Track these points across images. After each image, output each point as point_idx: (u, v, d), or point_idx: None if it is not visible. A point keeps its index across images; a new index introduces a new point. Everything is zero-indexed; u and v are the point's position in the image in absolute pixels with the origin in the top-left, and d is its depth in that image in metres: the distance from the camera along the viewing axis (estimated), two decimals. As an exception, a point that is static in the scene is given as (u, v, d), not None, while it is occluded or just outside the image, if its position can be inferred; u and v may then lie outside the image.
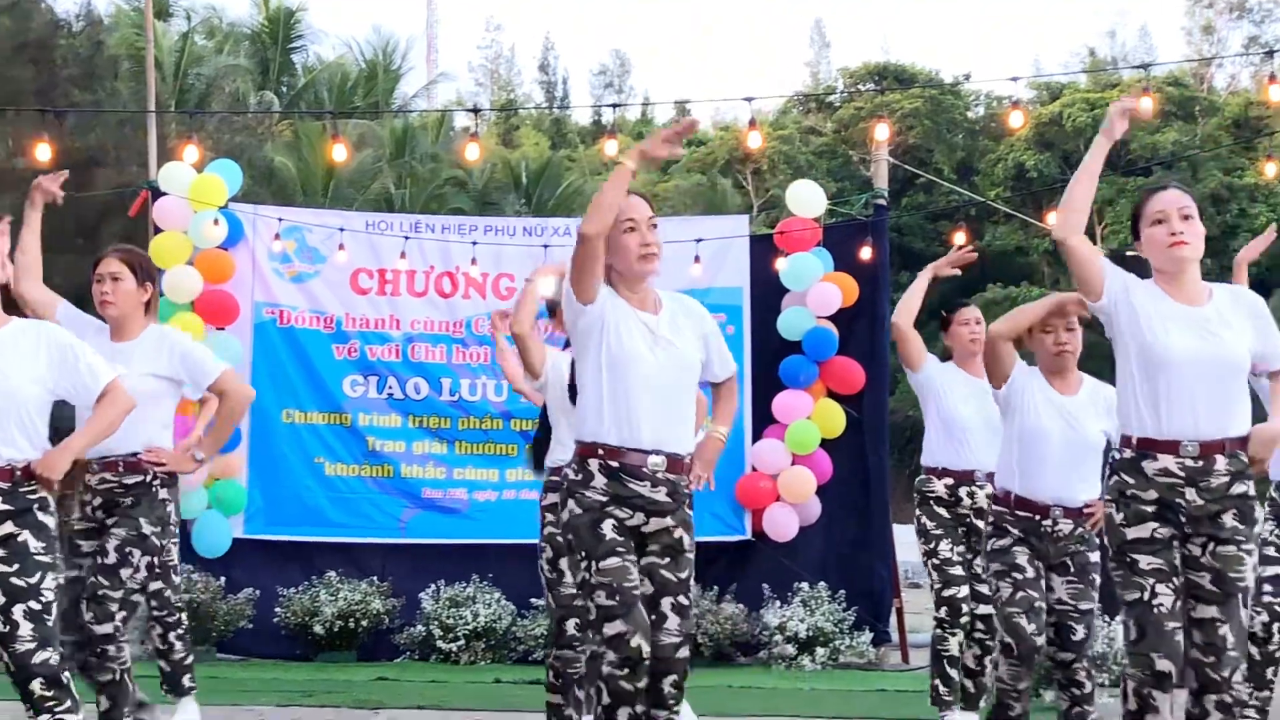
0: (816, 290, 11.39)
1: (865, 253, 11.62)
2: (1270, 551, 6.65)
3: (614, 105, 33.19)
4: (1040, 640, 6.06)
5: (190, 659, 7.63)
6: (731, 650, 11.12)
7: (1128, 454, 4.96)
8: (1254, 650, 6.64)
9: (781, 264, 11.54)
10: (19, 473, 4.89)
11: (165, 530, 7.43)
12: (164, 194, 11.30)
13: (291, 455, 11.47)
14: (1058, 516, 6.09)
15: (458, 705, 8.47)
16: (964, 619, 7.16)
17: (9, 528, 4.86)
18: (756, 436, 11.49)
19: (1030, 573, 6.06)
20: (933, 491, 7.27)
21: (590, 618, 4.90)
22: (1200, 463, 4.85)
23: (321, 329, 11.60)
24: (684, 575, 4.97)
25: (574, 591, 5.25)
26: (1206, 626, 4.86)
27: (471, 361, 11.66)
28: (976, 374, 6.90)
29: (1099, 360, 5.46)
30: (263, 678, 9.91)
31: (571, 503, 4.97)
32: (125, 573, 5.94)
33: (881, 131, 13.08)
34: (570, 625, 6.51)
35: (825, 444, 11.31)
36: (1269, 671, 6.81)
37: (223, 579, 11.03)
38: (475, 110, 13.50)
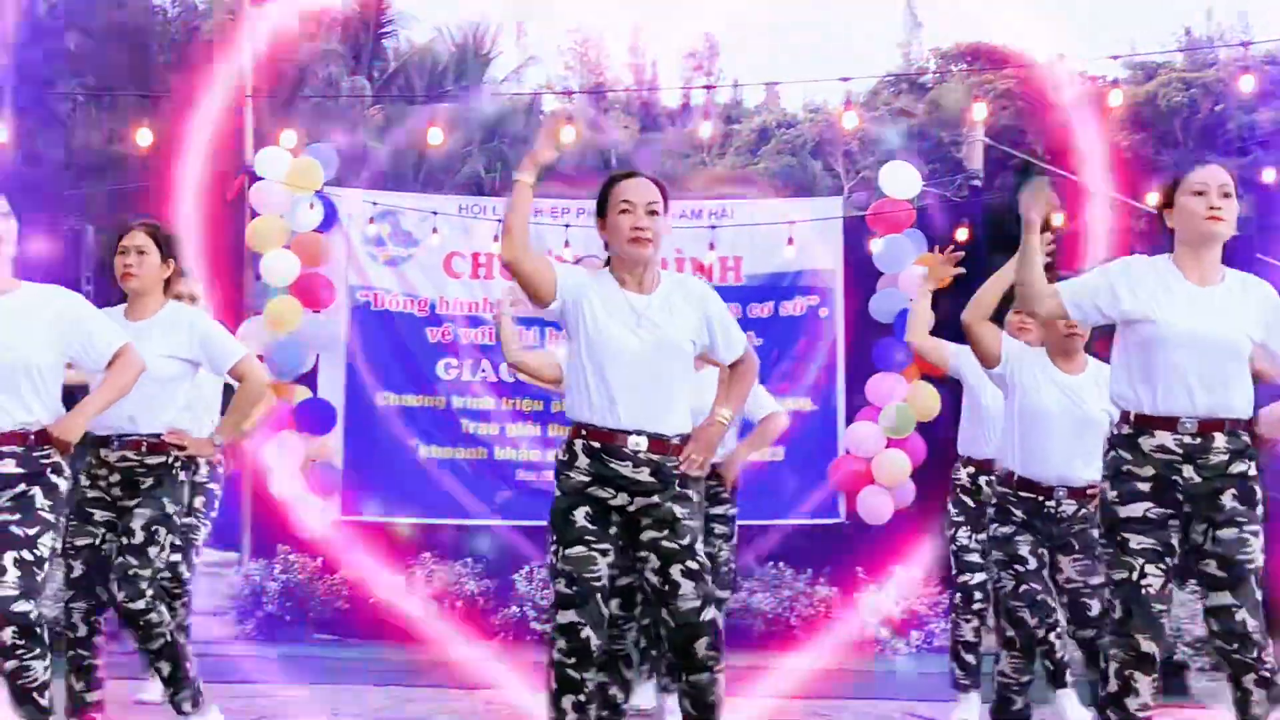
0: (910, 272, 11.32)
1: (960, 234, 11.53)
2: None
3: (705, 87, 33.08)
4: (1042, 633, 6.02)
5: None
6: (825, 634, 11.09)
7: (1125, 430, 4.92)
8: None
9: (875, 245, 11.48)
10: (33, 436, 4.99)
11: (193, 512, 7.52)
12: (260, 178, 11.41)
13: (386, 438, 11.55)
14: (1061, 497, 6.04)
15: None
16: (978, 605, 7.22)
17: (21, 488, 4.96)
18: (850, 419, 11.44)
19: (1033, 564, 6.02)
20: (958, 480, 7.32)
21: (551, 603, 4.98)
22: (1198, 440, 4.80)
23: (416, 312, 11.67)
24: (686, 541, 4.96)
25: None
26: (1222, 614, 4.82)
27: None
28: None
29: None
30: (359, 658, 10.00)
31: (556, 485, 5.04)
32: (153, 551, 5.96)
33: (979, 111, 12.98)
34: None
35: (920, 426, 11.24)
36: None
37: (319, 560, 11.13)
38: (569, 94, 13.48)
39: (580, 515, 4.97)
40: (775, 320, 11.49)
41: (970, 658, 7.37)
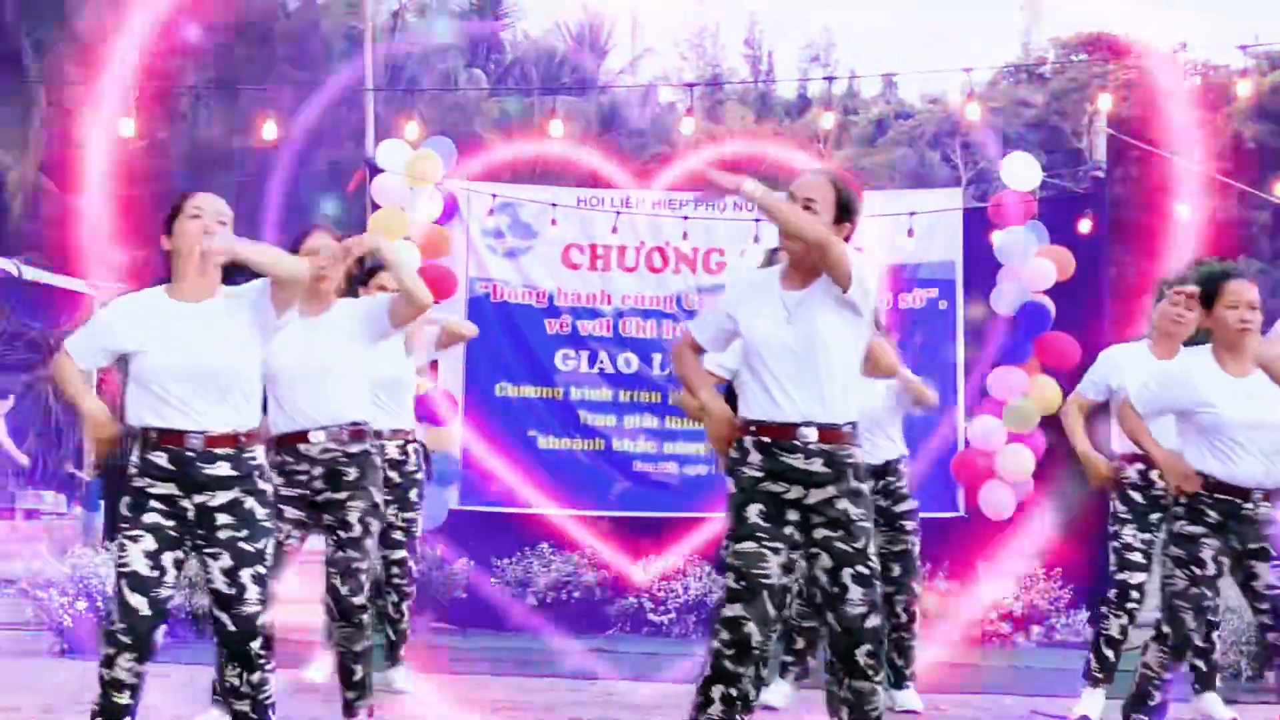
0: (1031, 264, 11.20)
1: (1084, 225, 11.39)
2: None
3: (823, 78, 32.94)
4: (1198, 639, 5.94)
5: (407, 628, 7.82)
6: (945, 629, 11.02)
7: None
8: None
9: (996, 237, 11.36)
10: (242, 438, 5.01)
11: (412, 505, 7.64)
12: (381, 170, 11.50)
13: (505, 428, 11.61)
14: (1258, 499, 5.94)
15: (670, 677, 8.51)
16: (1131, 605, 7.15)
17: (236, 493, 4.98)
18: (970, 413, 11.34)
19: (1211, 569, 5.93)
20: (1126, 477, 7.19)
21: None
22: None
23: (534, 304, 11.71)
24: (860, 545, 4.97)
25: None
26: None
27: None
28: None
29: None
30: (477, 647, 10.07)
31: (730, 480, 5.10)
32: (369, 543, 6.11)
33: (1105, 101, 12.80)
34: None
35: (1043, 421, 11.11)
36: None
37: (438, 549, 11.21)
38: (690, 85, 13.48)
39: (753, 512, 5.00)
40: (894, 312, 11.41)
41: (1110, 653, 7.30)
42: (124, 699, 4.92)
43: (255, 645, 4.97)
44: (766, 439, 5.01)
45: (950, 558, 11.18)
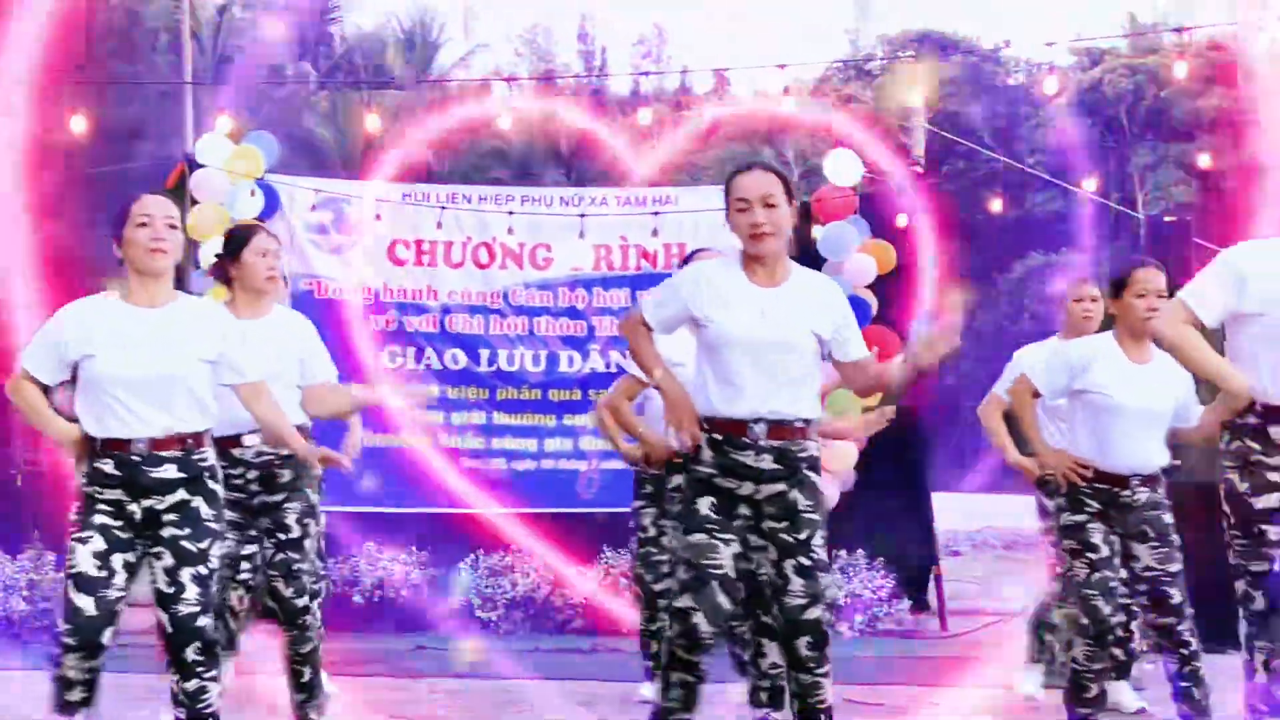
0: (853, 259, 11.34)
1: (901, 220, 11.57)
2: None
3: (650, 73, 33.08)
4: (1116, 620, 6.05)
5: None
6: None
7: (1252, 420, 4.88)
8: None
9: (818, 232, 11.49)
10: (190, 440, 4.93)
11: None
12: (201, 166, 11.33)
13: (331, 426, 11.47)
14: (1135, 485, 6.06)
15: (499, 674, 8.50)
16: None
17: (182, 494, 4.91)
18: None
19: (1105, 551, 6.04)
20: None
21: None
22: None
23: (360, 300, 11.61)
24: (804, 536, 5.03)
25: None
26: None
27: (509, 332, 11.64)
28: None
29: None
30: (335, 649, 9.94)
31: (682, 475, 5.20)
32: (309, 544, 6.08)
33: (916, 97, 13.01)
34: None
35: (865, 411, 11.26)
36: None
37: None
38: (511, 80, 13.44)
39: (705, 504, 5.05)
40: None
41: (1051, 638, 7.52)
42: (75, 696, 4.89)
43: (191, 650, 4.88)
44: (718, 435, 5.05)
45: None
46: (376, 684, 8.28)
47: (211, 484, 5.03)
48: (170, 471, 4.92)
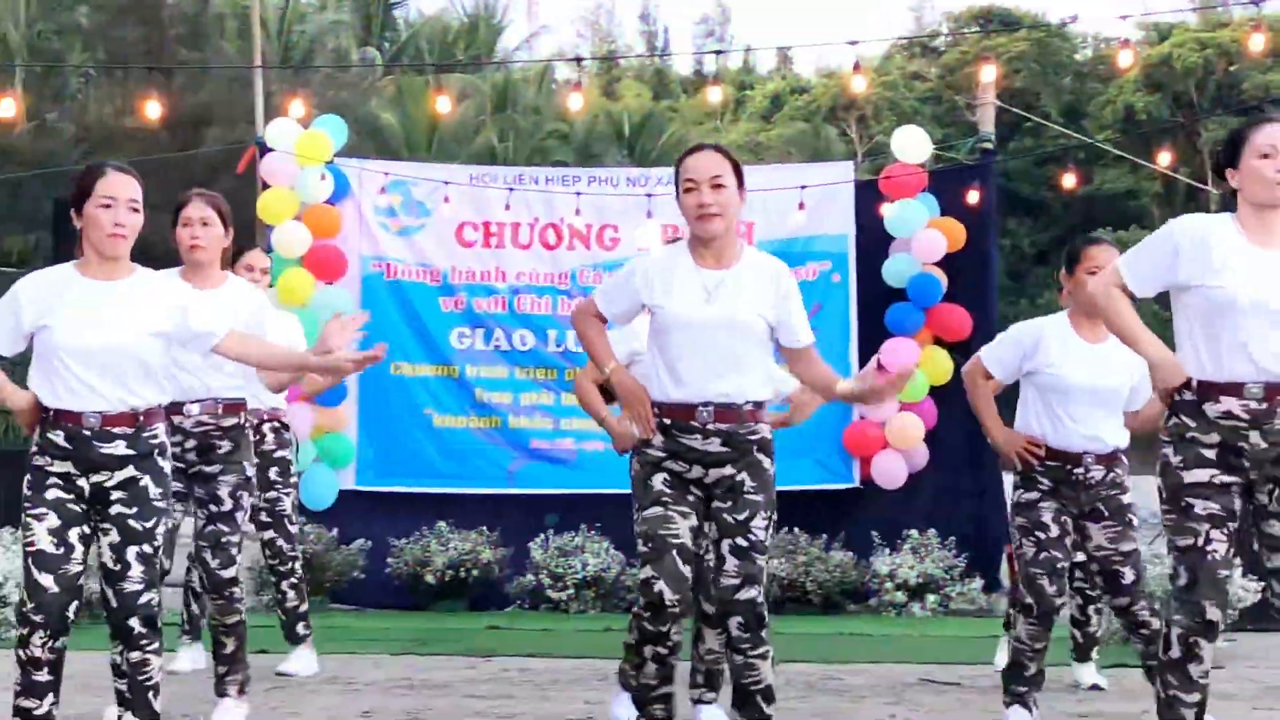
0: (922, 236, 11.29)
1: (972, 197, 11.50)
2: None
3: (716, 51, 33.02)
4: (1060, 601, 6.02)
5: (304, 607, 7.79)
6: (841, 598, 11.11)
7: (1189, 396, 4.81)
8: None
9: (887, 210, 11.45)
10: (141, 417, 4.96)
11: (271, 484, 7.59)
12: (271, 150, 11.40)
13: (400, 407, 11.56)
14: (1089, 463, 6.02)
15: (568, 653, 8.53)
16: (1077, 584, 7.30)
17: (130, 471, 4.93)
18: (863, 384, 11.40)
19: (1055, 531, 6.01)
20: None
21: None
22: (1264, 405, 4.68)
23: (428, 282, 11.65)
24: (743, 516, 5.04)
25: None
26: None
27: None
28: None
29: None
30: (376, 627, 10.03)
31: (634, 458, 5.20)
32: (240, 516, 6.11)
33: (988, 74, 12.90)
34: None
35: (933, 391, 11.23)
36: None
37: (335, 530, 11.16)
38: (579, 60, 13.46)
39: (658, 480, 5.09)
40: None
41: (1078, 633, 7.47)
42: (43, 676, 4.90)
43: (135, 623, 4.91)
44: (667, 420, 5.07)
45: (845, 528, 11.27)
46: (448, 663, 8.32)
47: (160, 461, 5.02)
48: (120, 448, 4.92)
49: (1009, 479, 10.03)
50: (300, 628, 7.79)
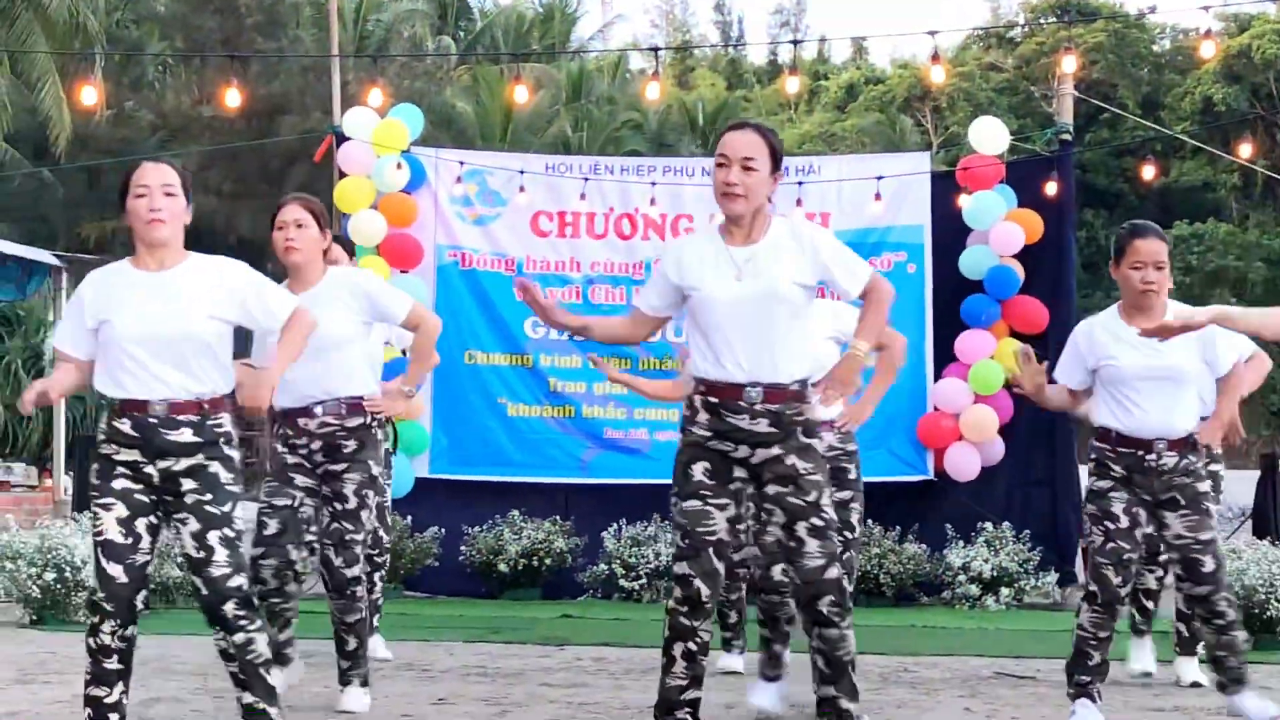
0: (999, 228, 11.22)
1: (1050, 189, 11.42)
2: None
3: (792, 42, 32.91)
4: (1125, 592, 5.95)
5: (382, 600, 7.83)
6: (914, 590, 11.08)
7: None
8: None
9: (964, 202, 11.38)
10: (206, 405, 4.99)
11: (386, 472, 7.65)
12: (348, 139, 11.46)
13: (474, 396, 11.61)
14: (1161, 450, 5.96)
15: (641, 642, 8.53)
16: (1163, 557, 7.20)
17: (199, 459, 4.96)
18: (938, 376, 11.37)
19: (1124, 522, 5.94)
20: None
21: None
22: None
23: (503, 271, 11.68)
24: (812, 498, 5.01)
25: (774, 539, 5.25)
26: None
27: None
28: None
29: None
30: (449, 614, 10.08)
31: (680, 439, 5.16)
32: (365, 515, 6.17)
33: (1069, 64, 12.80)
34: (776, 571, 6.48)
35: (1008, 384, 11.16)
36: None
37: (409, 518, 11.21)
38: (655, 50, 13.44)
39: (699, 470, 5.03)
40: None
41: (1150, 604, 7.50)
42: (113, 664, 4.93)
43: (229, 607, 4.94)
44: (714, 399, 5.04)
45: (919, 520, 11.23)
46: (521, 651, 8.34)
47: (228, 449, 5.04)
48: (186, 435, 4.95)
49: (1084, 472, 9.96)
50: (376, 619, 7.85)
